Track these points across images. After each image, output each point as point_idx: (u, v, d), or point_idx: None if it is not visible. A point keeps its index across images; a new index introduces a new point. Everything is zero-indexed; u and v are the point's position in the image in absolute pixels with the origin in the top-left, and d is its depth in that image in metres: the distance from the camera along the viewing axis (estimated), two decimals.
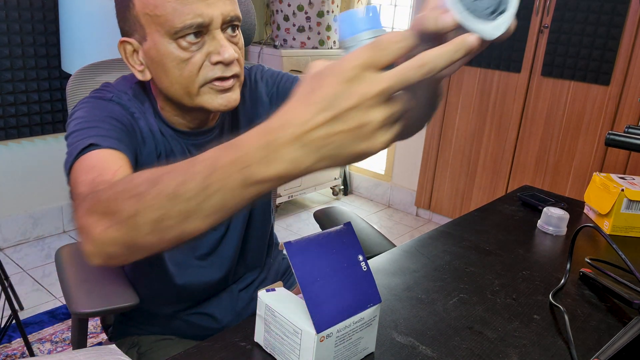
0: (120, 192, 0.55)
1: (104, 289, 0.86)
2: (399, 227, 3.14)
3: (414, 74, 0.41)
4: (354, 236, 0.70)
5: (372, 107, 0.42)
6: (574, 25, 2.48)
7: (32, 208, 2.55)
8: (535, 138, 2.73)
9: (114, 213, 0.55)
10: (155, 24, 0.76)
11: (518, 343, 0.75)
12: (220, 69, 0.78)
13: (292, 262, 0.62)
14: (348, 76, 0.41)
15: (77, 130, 0.76)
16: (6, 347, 1.80)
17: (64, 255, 0.96)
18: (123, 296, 0.85)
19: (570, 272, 0.96)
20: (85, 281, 0.88)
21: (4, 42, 2.27)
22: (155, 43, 0.77)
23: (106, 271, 0.92)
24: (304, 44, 3.11)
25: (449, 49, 0.41)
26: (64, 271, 0.91)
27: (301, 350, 0.62)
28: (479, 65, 2.82)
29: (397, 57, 0.42)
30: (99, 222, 0.56)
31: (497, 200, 1.34)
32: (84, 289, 0.86)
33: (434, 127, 3.08)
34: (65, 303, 0.86)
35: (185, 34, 0.75)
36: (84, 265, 0.93)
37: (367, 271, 0.67)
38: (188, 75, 0.77)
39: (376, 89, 0.41)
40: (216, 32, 0.77)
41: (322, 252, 0.65)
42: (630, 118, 2.42)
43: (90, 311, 0.81)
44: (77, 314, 0.81)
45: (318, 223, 1.29)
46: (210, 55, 0.77)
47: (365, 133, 0.42)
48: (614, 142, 1.03)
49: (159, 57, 0.78)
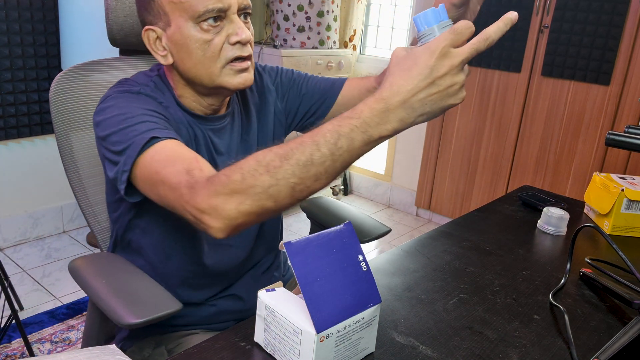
0: (250, 170, 0.66)
1: (144, 298, 0.84)
2: (399, 227, 3.14)
3: (482, 45, 0.60)
4: (354, 236, 0.70)
5: (457, 73, 0.60)
6: (574, 25, 2.48)
7: (32, 208, 2.55)
8: (535, 138, 2.72)
9: (248, 189, 0.66)
10: (180, 10, 0.84)
11: (518, 343, 0.75)
12: (238, 48, 0.87)
13: (292, 262, 0.62)
14: (439, 54, 0.59)
15: (124, 128, 0.80)
16: (6, 347, 1.80)
17: (82, 269, 0.92)
18: (167, 302, 0.83)
19: (570, 272, 0.96)
20: (121, 291, 0.85)
21: (4, 42, 2.27)
22: (179, 27, 0.85)
23: (137, 280, 0.89)
24: (304, 44, 3.11)
25: (501, 24, 0.61)
26: (91, 284, 0.87)
27: (301, 350, 0.62)
28: (479, 65, 2.82)
29: (469, 38, 0.60)
30: (229, 200, 0.67)
31: (497, 200, 1.34)
32: (123, 300, 0.82)
33: (434, 127, 3.08)
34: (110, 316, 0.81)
35: (206, 18, 0.84)
36: (110, 276, 0.89)
37: (367, 271, 0.67)
38: (210, 55, 0.86)
39: (459, 59, 0.59)
40: (233, 17, 0.86)
41: (322, 252, 0.65)
42: (630, 118, 2.42)
43: (141, 321, 0.77)
44: (126, 325, 0.77)
45: (305, 212, 1.30)
46: (229, 36, 0.86)
47: (452, 92, 0.60)
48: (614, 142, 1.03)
49: (183, 40, 0.86)
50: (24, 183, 2.50)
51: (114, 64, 1.14)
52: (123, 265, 0.95)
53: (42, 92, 2.44)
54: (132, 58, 1.17)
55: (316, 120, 1.12)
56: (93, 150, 1.09)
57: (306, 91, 1.10)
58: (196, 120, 0.95)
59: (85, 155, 1.09)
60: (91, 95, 1.10)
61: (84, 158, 1.09)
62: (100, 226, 1.13)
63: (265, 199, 0.65)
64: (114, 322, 0.80)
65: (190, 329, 1.02)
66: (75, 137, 1.07)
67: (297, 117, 1.12)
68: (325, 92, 1.10)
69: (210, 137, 0.96)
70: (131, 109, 0.83)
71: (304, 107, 1.11)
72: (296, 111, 1.11)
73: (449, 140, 3.04)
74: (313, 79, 1.12)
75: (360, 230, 1.18)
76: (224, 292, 1.04)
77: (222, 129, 0.98)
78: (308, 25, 3.08)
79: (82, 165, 1.09)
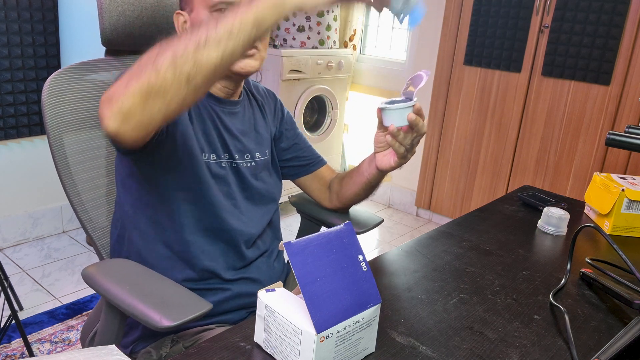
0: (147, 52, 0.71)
1: (172, 300, 0.84)
2: (399, 227, 3.14)
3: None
4: (354, 236, 0.69)
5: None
6: (574, 25, 2.48)
7: (32, 208, 2.55)
8: (535, 138, 2.72)
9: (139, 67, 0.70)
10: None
11: (518, 343, 0.75)
12: None
13: (292, 262, 0.62)
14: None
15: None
16: (6, 347, 1.80)
17: (98, 277, 0.90)
18: (197, 303, 0.83)
19: (571, 272, 0.96)
20: (147, 295, 0.84)
21: (3, 42, 2.26)
22: (198, 13, 0.96)
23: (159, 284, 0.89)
24: (304, 43, 3.11)
25: None
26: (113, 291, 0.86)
27: (301, 351, 0.62)
28: (479, 65, 2.82)
29: None
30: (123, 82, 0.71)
31: (497, 200, 1.34)
32: (153, 303, 0.82)
33: (434, 127, 3.08)
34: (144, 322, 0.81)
35: (219, 8, 0.94)
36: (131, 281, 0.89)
37: (367, 271, 0.67)
38: None
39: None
40: None
41: (322, 252, 0.65)
42: (630, 118, 2.42)
43: (177, 323, 0.78)
44: (166, 328, 0.78)
45: (295, 207, 1.33)
46: None
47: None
48: (614, 142, 1.03)
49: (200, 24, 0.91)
50: (23, 183, 2.50)
51: (107, 64, 1.13)
52: (139, 269, 0.94)
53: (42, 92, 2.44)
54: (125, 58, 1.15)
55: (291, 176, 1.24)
56: (87, 154, 1.08)
57: (298, 142, 1.22)
58: (210, 99, 1.04)
59: (79, 156, 1.07)
60: (85, 96, 1.08)
61: (78, 162, 1.06)
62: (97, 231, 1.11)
63: (150, 71, 0.69)
64: (150, 327, 0.80)
65: (206, 324, 1.02)
66: (68, 139, 1.05)
67: (280, 152, 1.20)
68: (312, 158, 1.23)
69: (221, 117, 1.05)
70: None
71: (290, 152, 1.21)
72: (283, 148, 1.20)
73: (449, 140, 3.03)
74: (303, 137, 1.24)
75: (354, 222, 1.22)
76: (240, 274, 1.06)
77: (235, 113, 1.07)
78: (308, 25, 3.08)
79: (76, 168, 1.06)
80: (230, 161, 1.05)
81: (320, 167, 1.24)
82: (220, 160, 1.03)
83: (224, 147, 1.04)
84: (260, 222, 1.11)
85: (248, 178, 1.08)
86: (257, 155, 1.10)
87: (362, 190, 1.15)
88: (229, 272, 1.05)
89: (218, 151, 1.03)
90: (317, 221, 1.30)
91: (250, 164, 1.09)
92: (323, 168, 1.24)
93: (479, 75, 2.84)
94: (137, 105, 0.70)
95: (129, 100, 0.70)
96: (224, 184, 1.04)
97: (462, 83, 2.91)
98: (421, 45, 3.12)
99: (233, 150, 1.05)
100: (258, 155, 1.11)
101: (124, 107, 0.70)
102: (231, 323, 1.04)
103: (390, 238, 2.96)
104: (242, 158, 1.07)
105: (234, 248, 1.05)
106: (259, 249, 1.11)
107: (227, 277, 1.04)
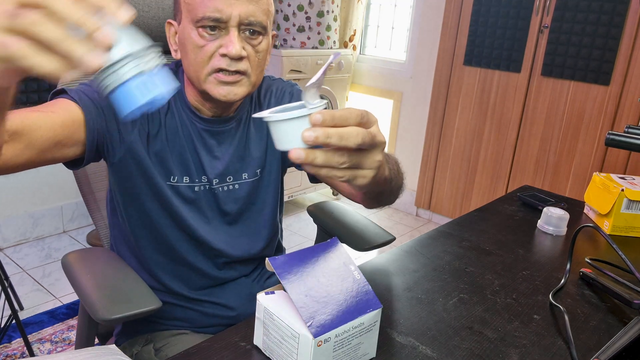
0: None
1: (124, 294, 0.84)
2: (399, 227, 3.14)
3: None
4: (342, 248, 0.70)
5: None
6: (574, 25, 2.48)
7: (32, 208, 2.55)
8: (535, 138, 2.72)
9: None
10: (187, 10, 0.87)
11: (518, 343, 0.75)
12: (225, 61, 0.86)
13: (280, 276, 0.62)
14: None
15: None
16: (6, 347, 1.80)
17: (73, 262, 0.93)
18: (146, 300, 0.83)
19: (570, 272, 0.96)
20: (104, 287, 0.86)
21: None
22: (183, 27, 0.88)
23: (123, 276, 0.90)
24: (304, 44, 3.11)
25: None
26: (77, 278, 0.89)
27: (299, 355, 0.61)
28: (479, 65, 2.82)
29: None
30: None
31: (497, 200, 1.34)
32: (104, 295, 0.83)
33: (434, 127, 3.08)
34: (88, 311, 0.82)
35: (203, 25, 0.85)
36: (97, 271, 0.90)
37: (360, 279, 0.67)
38: (200, 60, 0.87)
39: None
40: (232, 29, 0.85)
41: (309, 264, 0.66)
42: (630, 118, 2.42)
43: (116, 317, 0.79)
44: (103, 320, 0.78)
45: (312, 217, 1.29)
46: (221, 47, 0.86)
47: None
48: (614, 142, 1.03)
49: (183, 39, 0.89)
50: (24, 183, 2.50)
51: None
52: (112, 260, 0.95)
53: (42, 92, 2.44)
54: None
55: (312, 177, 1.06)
56: None
57: None
58: (195, 117, 0.95)
59: None
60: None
61: None
62: (104, 222, 1.13)
63: None
64: (93, 317, 0.81)
65: (180, 329, 1.01)
66: None
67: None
68: None
69: (203, 136, 0.96)
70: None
71: None
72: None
73: (449, 140, 3.04)
74: None
75: (362, 237, 1.15)
76: (206, 295, 1.02)
77: (221, 132, 0.97)
78: (308, 25, 3.09)
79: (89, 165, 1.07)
80: (207, 184, 0.97)
81: None
82: (194, 184, 0.96)
83: (199, 170, 0.96)
84: (244, 244, 1.03)
85: (226, 202, 0.99)
86: (244, 177, 1.00)
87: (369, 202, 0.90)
88: (193, 292, 1.02)
89: (191, 174, 0.95)
90: (331, 234, 1.24)
91: (232, 187, 0.99)
92: None
93: (479, 76, 2.84)
94: None
95: None
96: (196, 208, 0.97)
97: (462, 83, 2.91)
98: (421, 45, 3.12)
99: (210, 174, 0.96)
100: (245, 177, 1.00)
101: None
102: (207, 333, 1.03)
103: None
104: (222, 181, 0.98)
105: (196, 270, 1.01)
106: (236, 270, 1.05)
107: (193, 297, 1.02)
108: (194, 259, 1.00)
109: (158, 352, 0.97)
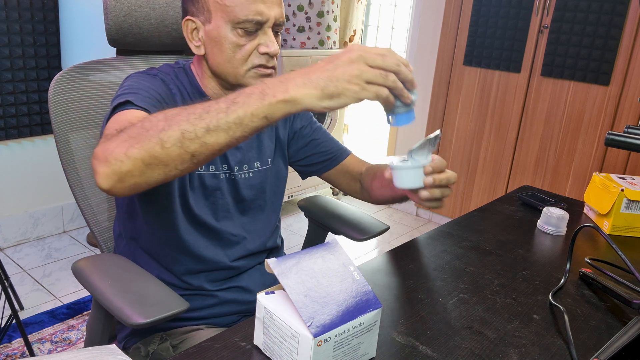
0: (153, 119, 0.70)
1: (150, 297, 0.84)
2: (399, 227, 3.14)
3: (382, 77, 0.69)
4: (341, 249, 0.70)
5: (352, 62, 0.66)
6: (574, 25, 2.48)
7: (32, 208, 2.55)
8: (535, 138, 2.73)
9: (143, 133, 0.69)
10: (222, 11, 0.92)
11: (518, 343, 0.75)
12: (265, 58, 0.95)
13: (279, 277, 0.63)
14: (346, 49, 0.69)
15: (121, 94, 0.90)
16: (6, 347, 1.80)
17: (86, 269, 0.92)
18: (173, 302, 0.83)
19: (570, 272, 0.97)
20: (128, 292, 0.85)
21: (4, 42, 2.27)
22: (217, 26, 0.93)
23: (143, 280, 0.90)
24: (304, 44, 3.11)
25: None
26: (96, 284, 0.88)
27: (299, 355, 0.62)
28: (479, 65, 2.82)
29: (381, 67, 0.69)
30: (121, 144, 0.70)
31: (497, 200, 1.34)
32: (131, 300, 0.83)
33: (433, 127, 3.08)
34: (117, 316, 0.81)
35: (245, 27, 0.92)
36: (115, 277, 0.90)
37: (360, 279, 0.67)
38: (240, 58, 0.94)
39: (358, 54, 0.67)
40: (268, 30, 0.94)
41: (309, 265, 0.66)
42: (630, 118, 2.42)
43: (148, 321, 0.78)
44: (137, 325, 0.78)
45: (303, 211, 1.31)
46: (259, 46, 0.94)
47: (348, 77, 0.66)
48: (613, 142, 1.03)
49: (219, 38, 0.94)
50: (24, 183, 2.50)
51: (113, 64, 1.14)
52: (127, 265, 0.95)
53: (43, 92, 2.44)
54: (131, 58, 1.17)
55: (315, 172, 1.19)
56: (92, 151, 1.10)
57: (316, 137, 1.16)
58: None
59: (85, 155, 1.09)
60: (90, 95, 1.10)
61: (83, 158, 1.08)
62: (100, 227, 1.13)
63: (155, 142, 0.68)
64: (122, 323, 0.80)
65: (195, 324, 1.02)
66: (74, 137, 1.07)
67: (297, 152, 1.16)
68: (333, 152, 1.17)
69: None
70: (139, 84, 0.93)
71: (308, 150, 1.16)
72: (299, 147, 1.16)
73: (449, 140, 3.04)
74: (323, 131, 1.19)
75: (359, 228, 1.20)
76: (226, 283, 1.06)
77: None
78: (308, 26, 3.09)
79: (82, 166, 1.08)
80: (228, 172, 1.03)
81: (342, 159, 1.17)
82: (218, 171, 1.02)
83: (222, 159, 1.02)
84: (256, 232, 1.09)
85: (244, 189, 1.06)
86: (256, 165, 1.08)
87: (394, 200, 1.09)
88: (211, 283, 1.05)
89: (216, 163, 1.01)
90: (325, 227, 1.28)
91: (247, 175, 1.06)
92: (348, 160, 1.18)
93: (479, 76, 2.84)
94: (135, 170, 0.70)
95: (127, 165, 0.69)
96: (217, 195, 1.03)
97: (461, 83, 2.92)
98: (421, 46, 3.12)
99: (232, 162, 1.03)
100: (257, 165, 1.08)
101: (121, 170, 0.70)
102: (221, 326, 1.05)
103: (390, 238, 2.97)
104: (240, 169, 1.05)
105: (216, 263, 1.04)
106: (253, 259, 1.10)
107: (211, 288, 1.04)
108: (212, 253, 1.03)
109: (175, 349, 0.98)
